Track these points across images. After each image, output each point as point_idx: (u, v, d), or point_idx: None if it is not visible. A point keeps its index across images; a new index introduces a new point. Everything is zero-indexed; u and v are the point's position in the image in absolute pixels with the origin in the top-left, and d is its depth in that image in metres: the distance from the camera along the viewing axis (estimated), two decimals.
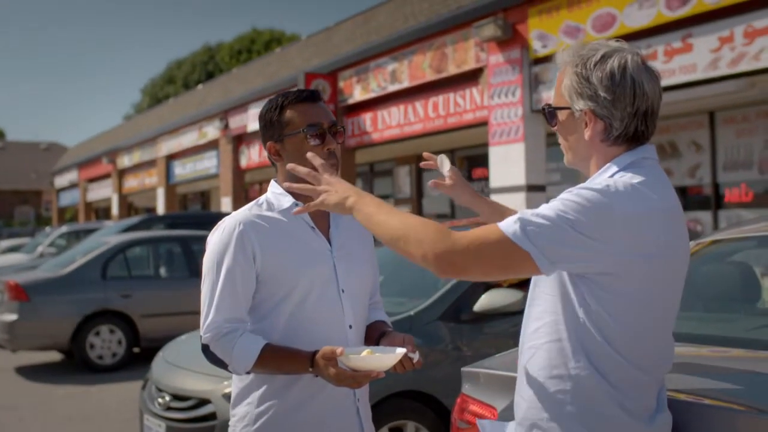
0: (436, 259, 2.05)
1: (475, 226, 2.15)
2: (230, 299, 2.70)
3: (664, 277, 2.15)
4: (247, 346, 2.64)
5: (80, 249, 13.29)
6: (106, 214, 39.72)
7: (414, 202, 19.46)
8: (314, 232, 2.83)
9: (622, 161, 2.21)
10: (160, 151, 28.87)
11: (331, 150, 2.78)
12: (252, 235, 2.72)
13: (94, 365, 11.25)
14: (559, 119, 2.31)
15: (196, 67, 59.33)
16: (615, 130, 2.21)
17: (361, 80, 16.93)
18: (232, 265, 2.70)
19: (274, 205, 2.83)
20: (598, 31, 11.36)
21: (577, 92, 2.21)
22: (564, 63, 2.29)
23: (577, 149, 2.30)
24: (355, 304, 2.85)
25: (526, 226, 2.02)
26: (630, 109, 2.19)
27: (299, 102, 2.81)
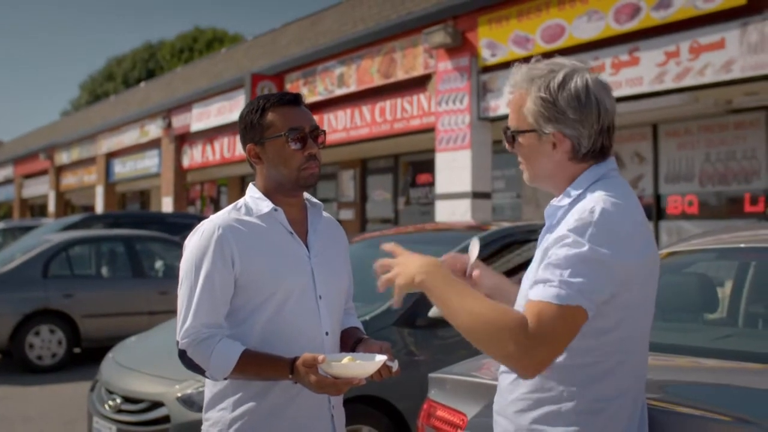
0: (523, 368, 2.07)
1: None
2: (208, 304, 2.68)
3: (652, 280, 2.23)
4: (226, 352, 2.62)
5: (20, 246, 13.06)
6: (41, 211, 39.05)
7: (357, 206, 19.47)
8: (293, 237, 2.83)
9: (592, 175, 2.28)
10: (100, 149, 28.48)
11: (312, 154, 2.78)
12: (231, 240, 2.70)
13: (33, 365, 11.04)
14: (521, 142, 2.34)
15: (137, 64, 58.65)
16: (583, 147, 2.27)
17: (308, 83, 16.90)
18: (211, 270, 2.68)
19: (252, 210, 2.81)
20: (547, 41, 11.50)
21: (544, 116, 2.26)
22: (518, 85, 2.34)
23: (540, 169, 2.34)
24: (331, 310, 2.84)
25: (571, 287, 2.05)
26: (596, 126, 2.26)
27: (281, 105, 2.80)
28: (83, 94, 63.88)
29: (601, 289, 2.08)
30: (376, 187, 19.17)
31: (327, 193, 20.73)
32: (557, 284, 2.06)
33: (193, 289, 2.69)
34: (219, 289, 2.69)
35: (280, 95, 2.83)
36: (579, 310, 2.05)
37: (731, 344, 3.56)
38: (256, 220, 2.79)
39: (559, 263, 2.08)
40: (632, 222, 2.15)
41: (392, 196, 18.55)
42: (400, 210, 18.25)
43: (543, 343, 2.03)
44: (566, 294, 2.05)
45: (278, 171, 2.79)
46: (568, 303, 2.04)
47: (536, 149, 2.31)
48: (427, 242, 6.95)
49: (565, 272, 2.07)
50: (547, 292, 2.07)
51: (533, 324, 2.04)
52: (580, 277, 2.05)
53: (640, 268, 2.15)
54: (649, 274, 2.20)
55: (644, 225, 2.21)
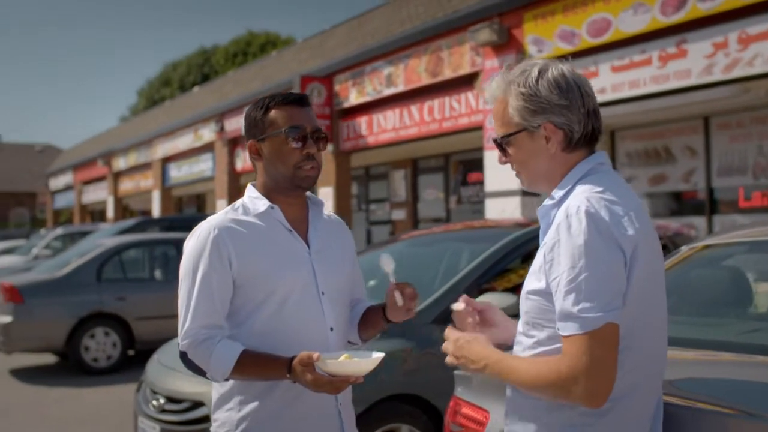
0: (581, 402, 2.08)
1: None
2: (206, 305, 2.70)
3: (651, 271, 2.18)
4: (225, 353, 2.63)
5: (75, 251, 13.29)
6: (101, 217, 39.67)
7: (409, 206, 19.46)
8: (292, 235, 2.83)
9: (580, 170, 2.27)
10: (155, 154, 28.86)
11: (310, 154, 2.79)
12: (227, 240, 2.71)
13: (88, 368, 11.24)
14: (514, 146, 2.32)
15: (192, 69, 59.27)
16: (576, 133, 2.26)
17: (356, 84, 16.95)
18: (208, 271, 2.70)
19: (250, 209, 2.83)
20: (593, 36, 11.39)
21: (530, 110, 2.26)
22: (496, 94, 2.35)
23: (537, 168, 2.33)
24: (335, 306, 2.85)
25: (590, 309, 2.05)
26: (583, 109, 2.27)
27: (285, 104, 2.81)
28: (141, 100, 64.74)
29: (618, 291, 2.07)
30: (427, 186, 19.13)
31: (379, 194, 20.79)
32: (579, 311, 2.05)
33: (191, 291, 2.72)
34: (217, 290, 2.70)
35: (285, 94, 2.85)
36: (607, 327, 2.05)
37: (761, 339, 3.48)
38: (254, 219, 2.80)
39: (570, 287, 2.07)
40: (620, 211, 2.13)
41: (444, 195, 18.50)
42: (452, 209, 18.19)
43: (594, 376, 2.04)
44: (591, 318, 2.04)
45: (276, 168, 2.80)
46: (594, 328, 2.04)
47: (530, 149, 2.30)
48: (473, 240, 6.93)
49: (581, 295, 2.06)
50: (572, 326, 2.07)
51: (575, 363, 2.05)
52: (593, 291, 2.05)
53: (636, 261, 2.11)
54: (646, 266, 2.15)
55: (635, 213, 2.16)
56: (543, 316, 2.19)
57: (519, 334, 2.32)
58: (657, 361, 2.25)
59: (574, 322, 2.06)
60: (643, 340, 2.18)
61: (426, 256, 7.11)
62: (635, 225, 2.12)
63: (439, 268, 6.58)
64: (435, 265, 6.70)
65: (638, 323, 2.16)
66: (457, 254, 6.71)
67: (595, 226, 2.07)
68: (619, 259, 2.08)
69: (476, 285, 5.64)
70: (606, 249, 2.06)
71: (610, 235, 2.07)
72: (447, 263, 6.64)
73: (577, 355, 2.05)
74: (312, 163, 2.80)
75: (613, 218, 2.09)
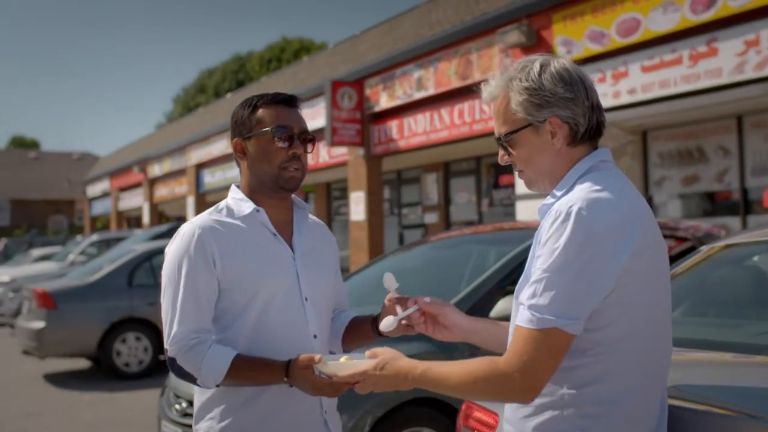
0: (515, 398, 2.06)
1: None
2: (193, 308, 2.63)
3: (655, 273, 2.12)
4: (217, 358, 2.56)
5: (108, 257, 13.41)
6: (137, 223, 39.97)
7: (441, 209, 19.40)
8: (276, 239, 2.78)
9: (582, 167, 2.21)
10: (189, 160, 29.02)
11: (296, 154, 2.75)
12: (211, 240, 2.66)
13: (120, 372, 11.34)
14: (518, 143, 2.27)
15: (227, 76, 59.60)
16: (581, 127, 2.21)
17: (387, 88, 16.93)
18: (192, 271, 2.64)
19: (234, 211, 2.78)
20: (623, 36, 11.29)
21: (535, 104, 2.20)
22: (495, 92, 2.30)
23: (541, 165, 2.26)
24: (319, 312, 2.80)
25: (545, 308, 2.00)
26: (587, 102, 2.22)
27: (274, 103, 2.79)
28: (177, 107, 65.21)
29: (582, 301, 2.00)
30: (459, 189, 19.06)
31: (411, 197, 20.74)
32: (530, 306, 2.02)
33: (176, 293, 2.65)
34: (203, 292, 2.64)
35: (274, 94, 2.82)
36: (556, 332, 1.99)
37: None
38: (238, 222, 2.76)
39: (536, 278, 2.03)
40: (619, 214, 2.05)
41: (476, 198, 18.42)
42: (484, 212, 18.10)
43: (529, 374, 2.00)
44: (539, 318, 2.00)
45: (260, 168, 2.75)
46: (542, 327, 1.99)
47: (535, 145, 2.25)
48: (500, 242, 6.88)
49: (539, 289, 2.01)
50: (523, 317, 2.04)
51: (514, 356, 2.02)
52: (553, 292, 1.99)
53: (632, 262, 2.03)
54: (647, 267, 2.08)
55: (638, 215, 2.09)
56: None
57: None
58: (657, 363, 2.16)
59: (526, 312, 2.03)
60: (650, 342, 2.12)
61: (453, 258, 7.08)
62: (633, 230, 2.05)
63: (465, 270, 6.54)
64: (461, 267, 6.67)
65: (646, 328, 2.10)
66: (483, 256, 6.67)
67: (584, 229, 2.00)
68: (600, 269, 2.00)
69: (499, 287, 5.59)
70: (586, 255, 1.99)
71: (598, 242, 2.00)
72: (473, 265, 6.60)
73: (516, 351, 2.02)
74: (297, 164, 2.75)
75: (605, 223, 2.01)
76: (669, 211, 12.81)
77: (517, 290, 2.21)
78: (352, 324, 2.93)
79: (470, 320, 2.59)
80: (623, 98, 11.20)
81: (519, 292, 2.17)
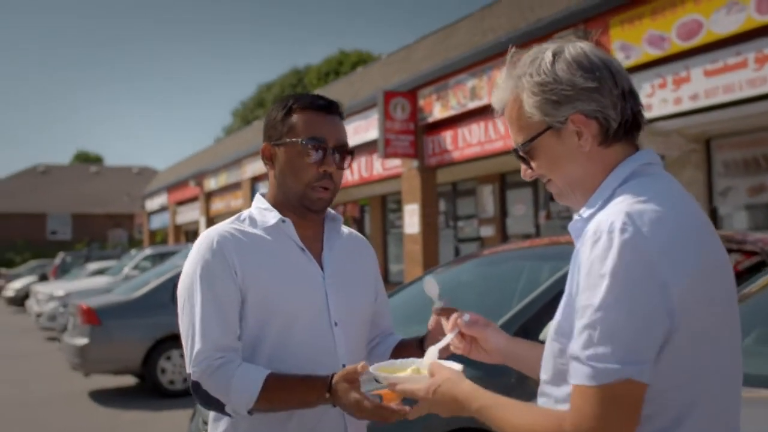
0: None
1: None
2: (217, 322, 2.29)
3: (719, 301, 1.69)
4: (247, 378, 2.22)
5: (155, 272, 13.23)
6: (194, 237, 40.11)
7: (498, 222, 18.95)
8: (304, 254, 2.45)
9: (620, 174, 1.79)
10: (245, 174, 28.96)
11: (327, 172, 2.41)
12: (231, 248, 2.34)
13: (165, 390, 11.11)
14: (539, 151, 1.86)
15: (285, 89, 59.85)
16: (613, 121, 1.79)
17: (440, 98, 16.55)
18: (213, 282, 2.31)
19: (257, 222, 2.46)
20: (684, 39, 10.76)
21: (552, 102, 1.80)
22: (504, 96, 1.91)
23: (570, 174, 1.85)
24: (350, 339, 2.44)
25: (598, 358, 1.58)
26: (616, 90, 1.79)
27: (311, 109, 2.44)
28: (236, 121, 65.71)
29: (645, 340, 1.58)
30: (516, 201, 18.60)
31: (467, 210, 20.34)
32: (588, 358, 1.59)
33: (195, 308, 2.31)
34: (227, 302, 2.31)
35: (313, 97, 2.48)
36: (626, 384, 1.56)
37: None
38: (261, 233, 2.43)
39: (586, 322, 1.60)
40: (671, 228, 1.64)
41: (533, 211, 17.95)
42: (542, 224, 17.61)
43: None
44: (602, 369, 1.57)
45: (285, 181, 2.45)
46: (608, 381, 1.56)
47: (560, 152, 1.84)
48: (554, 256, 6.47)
49: (595, 336, 1.58)
50: (581, 372, 1.60)
51: (579, 421, 1.59)
52: (610, 336, 1.57)
53: (692, 285, 1.61)
54: (709, 289, 1.66)
55: (695, 229, 1.68)
56: None
57: (544, 383, 1.83)
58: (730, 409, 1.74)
59: (583, 367, 1.59)
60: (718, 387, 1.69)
61: (503, 273, 6.69)
62: (691, 248, 1.64)
63: (515, 287, 6.16)
64: (512, 283, 6.28)
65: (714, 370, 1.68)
66: (537, 271, 6.27)
67: (631, 252, 1.58)
68: (657, 301, 1.58)
69: (551, 306, 5.17)
70: (640, 284, 1.58)
71: (650, 267, 1.58)
72: (525, 281, 6.20)
73: (583, 412, 1.58)
74: (328, 183, 2.43)
75: (656, 242, 1.60)
76: (735, 223, 12.24)
77: (556, 327, 1.77)
78: (398, 349, 2.59)
79: (511, 343, 2.23)
80: (685, 104, 10.63)
81: (560, 329, 1.75)
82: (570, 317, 1.69)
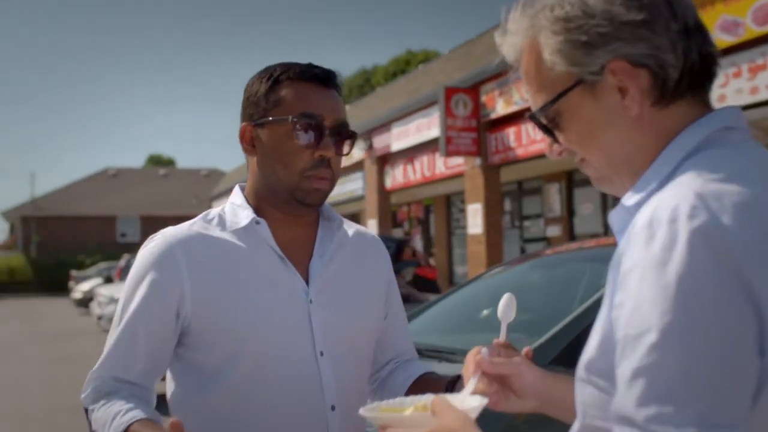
0: None
1: None
2: (126, 352, 1.87)
3: None
4: (109, 419, 1.74)
5: None
6: None
7: (564, 221, 18.31)
8: (283, 264, 1.93)
9: (687, 141, 1.21)
10: None
11: (324, 157, 1.89)
12: (182, 263, 1.86)
13: None
14: (566, 117, 1.31)
15: (353, 90, 59.69)
16: (672, 68, 1.21)
17: (503, 93, 15.96)
18: (141, 306, 1.87)
19: (226, 222, 1.96)
20: (760, 24, 10.06)
21: (582, 43, 1.24)
22: (518, 42, 1.37)
23: (614, 149, 1.27)
24: (341, 372, 1.92)
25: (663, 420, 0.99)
26: (674, 24, 1.22)
27: (303, 80, 1.92)
28: None
29: (736, 386, 0.99)
30: (583, 200, 17.92)
31: (533, 209, 19.77)
32: (646, 420, 1.00)
33: (117, 326, 1.89)
34: (143, 336, 1.86)
35: (305, 66, 1.95)
36: None
37: None
38: (230, 237, 1.93)
39: (639, 364, 1.02)
40: (765, 220, 1.06)
41: (601, 209, 17.26)
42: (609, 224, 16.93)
43: None
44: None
45: (272, 170, 1.93)
46: None
47: (595, 117, 1.27)
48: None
49: (655, 385, 1.00)
50: None
51: None
52: (682, 385, 0.98)
53: None
54: None
55: None
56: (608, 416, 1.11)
57: None
58: None
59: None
60: None
61: (561, 277, 6.07)
62: None
63: (573, 293, 5.53)
64: (569, 289, 5.66)
65: None
66: (597, 275, 5.65)
67: (706, 247, 1.01)
68: (748, 325, 1.01)
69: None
70: (722, 299, 1.01)
71: (736, 272, 1.01)
72: (585, 287, 5.57)
73: None
74: (325, 172, 1.92)
75: (745, 235, 1.03)
76: None
77: (588, 363, 1.21)
78: (420, 384, 2.02)
79: (548, 380, 1.58)
80: (762, 94, 10.01)
81: (594, 367, 1.19)
82: (609, 351, 1.12)
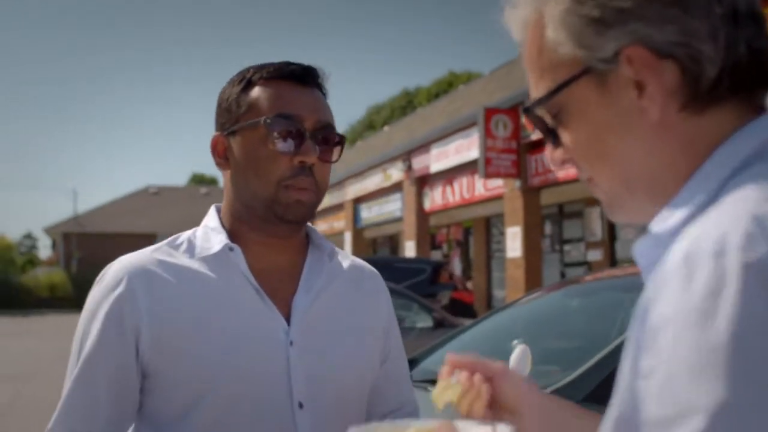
0: None
1: None
2: (84, 401, 1.58)
3: None
4: None
5: None
6: None
7: (606, 246, 17.87)
8: (260, 298, 1.63)
9: (733, 153, 0.90)
10: (346, 195, 28.51)
11: (305, 164, 1.60)
12: (140, 298, 1.57)
13: None
14: (570, 113, 1.00)
15: (395, 111, 59.61)
16: (709, 63, 0.90)
17: None
18: (96, 349, 1.58)
19: (196, 248, 1.66)
20: None
21: (594, 21, 0.93)
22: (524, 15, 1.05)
23: (626, 160, 0.96)
24: (322, 430, 1.61)
25: None
26: (719, 7, 0.90)
27: (278, 78, 1.64)
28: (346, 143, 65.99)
29: None
30: (625, 224, 17.49)
31: (573, 233, 19.33)
32: None
33: (71, 374, 1.60)
34: (103, 379, 1.58)
35: (281, 64, 1.67)
36: None
37: None
38: (198, 265, 1.64)
39: None
40: None
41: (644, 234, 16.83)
42: None
43: None
44: None
45: (246, 183, 1.65)
46: None
47: (604, 118, 0.96)
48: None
49: None
50: None
51: None
52: None
53: None
54: None
55: None
56: None
57: None
58: None
59: None
60: None
61: (600, 306, 5.69)
62: None
63: (611, 323, 5.16)
64: (606, 319, 5.28)
65: None
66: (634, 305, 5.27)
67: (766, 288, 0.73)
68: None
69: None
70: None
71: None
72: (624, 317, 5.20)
73: None
74: (306, 181, 1.62)
75: None
76: None
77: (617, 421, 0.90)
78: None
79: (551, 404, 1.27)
80: None
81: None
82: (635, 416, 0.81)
